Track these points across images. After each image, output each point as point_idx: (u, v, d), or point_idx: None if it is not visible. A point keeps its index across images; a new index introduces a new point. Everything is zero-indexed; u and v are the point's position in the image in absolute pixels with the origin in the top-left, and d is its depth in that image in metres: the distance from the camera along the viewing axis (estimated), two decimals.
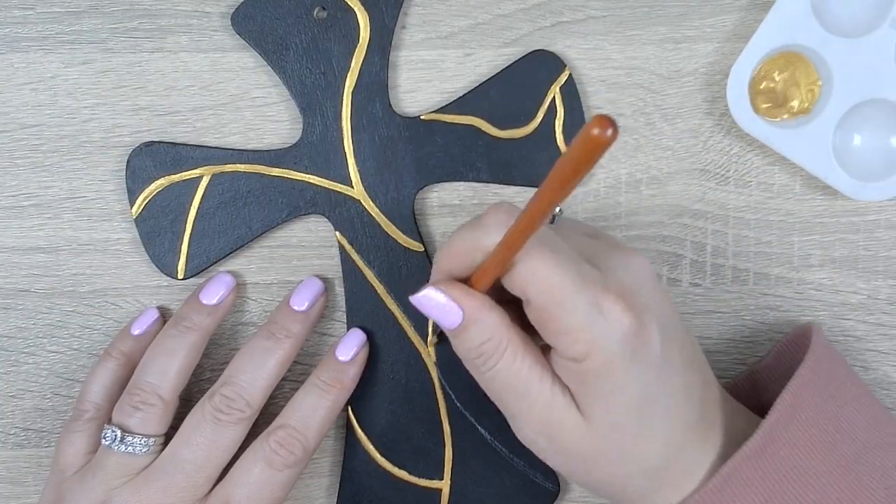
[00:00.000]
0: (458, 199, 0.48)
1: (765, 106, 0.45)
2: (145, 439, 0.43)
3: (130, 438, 0.42)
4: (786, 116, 0.45)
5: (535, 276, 0.35)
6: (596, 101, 0.47)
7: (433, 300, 0.37)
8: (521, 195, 0.47)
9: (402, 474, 0.47)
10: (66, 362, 0.48)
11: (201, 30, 0.47)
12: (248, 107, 0.47)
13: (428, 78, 0.47)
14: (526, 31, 0.47)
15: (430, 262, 0.47)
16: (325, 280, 0.47)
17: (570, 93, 0.46)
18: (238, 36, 0.46)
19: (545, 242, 0.36)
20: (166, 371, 0.43)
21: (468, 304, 0.37)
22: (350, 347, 0.45)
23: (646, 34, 0.47)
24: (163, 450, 0.43)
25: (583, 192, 0.47)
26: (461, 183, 0.47)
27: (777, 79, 0.45)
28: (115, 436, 0.42)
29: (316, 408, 0.44)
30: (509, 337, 0.37)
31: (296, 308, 0.45)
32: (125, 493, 0.42)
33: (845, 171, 0.45)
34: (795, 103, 0.45)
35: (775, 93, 0.45)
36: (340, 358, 0.45)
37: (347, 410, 0.47)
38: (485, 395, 0.44)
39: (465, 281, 0.38)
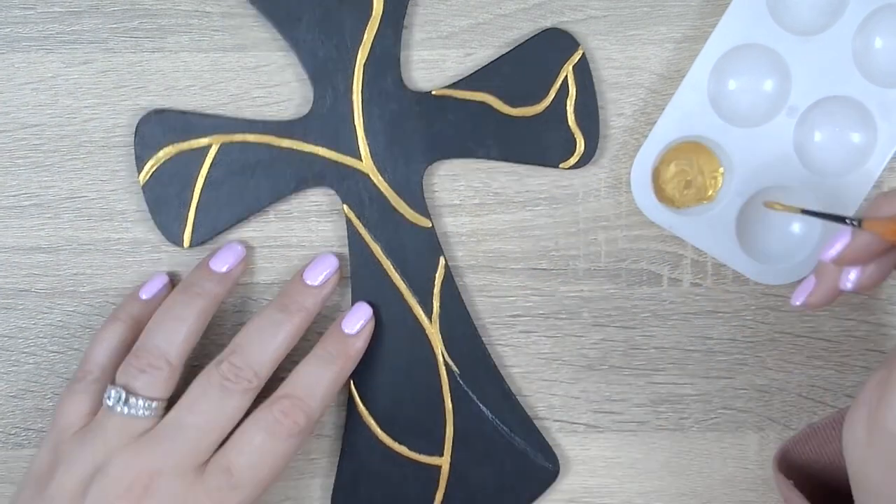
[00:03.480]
0: (458, 199, 0.48)
1: (669, 194, 0.46)
2: (149, 402, 0.42)
3: (134, 400, 0.42)
4: (690, 204, 0.46)
5: None
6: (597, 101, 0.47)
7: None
8: (521, 167, 0.47)
9: (402, 450, 0.47)
10: (67, 362, 0.48)
11: (202, 30, 0.47)
12: (249, 107, 0.47)
13: (429, 78, 0.47)
14: (527, 30, 0.47)
15: (438, 239, 0.47)
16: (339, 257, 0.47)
17: (583, 72, 0.46)
18: (238, 35, 0.46)
19: None
20: (175, 335, 0.43)
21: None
22: (356, 320, 0.45)
23: (646, 34, 0.47)
24: (164, 416, 0.43)
25: (584, 191, 0.47)
26: (461, 182, 0.47)
27: (678, 168, 0.46)
28: (120, 396, 0.42)
29: (320, 378, 0.44)
30: None
31: (309, 283, 0.45)
32: (125, 455, 0.41)
33: (749, 255, 0.46)
34: (699, 191, 0.46)
35: (679, 181, 0.46)
36: (346, 331, 0.45)
37: (349, 384, 0.47)
38: (486, 372, 0.44)
39: None
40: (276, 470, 0.43)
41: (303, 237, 0.47)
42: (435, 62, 0.47)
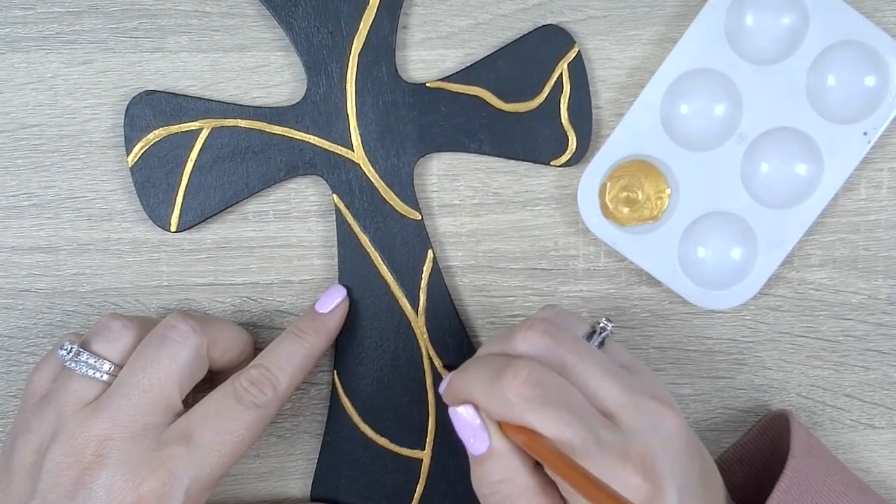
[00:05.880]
0: (457, 199, 0.48)
1: (615, 211, 0.46)
2: (100, 361, 0.41)
3: (86, 357, 0.41)
4: (635, 223, 0.46)
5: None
6: (596, 101, 0.47)
7: (466, 419, 0.38)
8: (520, 167, 0.47)
9: (384, 442, 0.47)
10: None
11: (201, 30, 0.47)
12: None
13: (427, 77, 0.47)
14: (526, 30, 0.47)
15: (427, 232, 0.47)
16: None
17: (578, 70, 0.46)
18: (238, 35, 0.46)
19: (564, 403, 0.36)
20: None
21: (497, 441, 0.38)
22: (330, 301, 0.46)
23: (646, 34, 0.47)
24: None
25: None
26: (461, 182, 0.47)
27: (626, 186, 0.46)
28: (71, 349, 0.41)
29: (291, 353, 0.44)
30: (526, 485, 0.38)
31: (320, 311, 0.46)
32: (74, 421, 0.40)
33: (689, 278, 0.46)
34: (645, 211, 0.46)
35: (625, 199, 0.46)
36: (320, 311, 0.45)
37: (333, 375, 0.47)
38: None
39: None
40: (240, 440, 0.41)
41: (302, 237, 0.47)
42: (434, 62, 0.47)
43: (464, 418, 0.38)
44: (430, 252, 0.47)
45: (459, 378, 0.39)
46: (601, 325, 0.40)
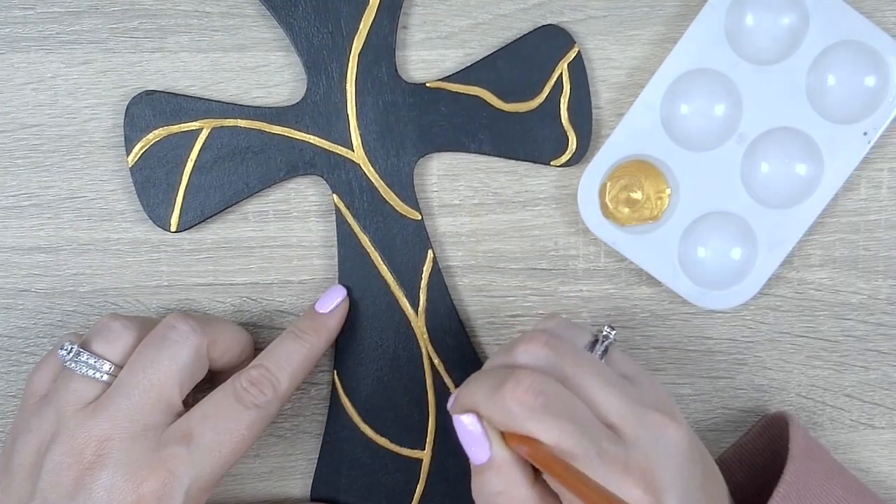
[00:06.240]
0: (457, 199, 0.48)
1: (615, 211, 0.46)
2: (100, 361, 0.41)
3: (85, 357, 0.41)
4: (635, 223, 0.46)
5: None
6: (596, 101, 0.47)
7: (468, 427, 0.38)
8: (520, 167, 0.47)
9: (384, 442, 0.47)
10: None
11: (201, 30, 0.47)
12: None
13: (427, 77, 0.47)
14: (526, 30, 0.47)
15: (427, 232, 0.47)
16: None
17: (578, 70, 0.46)
18: (238, 35, 0.46)
19: (566, 413, 0.36)
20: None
21: (498, 451, 0.38)
22: (330, 301, 0.46)
23: (646, 34, 0.47)
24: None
25: None
26: (461, 182, 0.47)
27: (626, 186, 0.46)
28: (71, 349, 0.41)
29: (291, 353, 0.44)
30: (524, 498, 0.38)
31: (320, 311, 0.46)
32: (74, 421, 0.40)
33: (689, 278, 0.46)
34: (645, 210, 0.46)
35: (625, 199, 0.46)
36: (320, 311, 0.45)
37: (333, 375, 0.47)
38: (471, 366, 0.44)
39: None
40: (240, 440, 0.41)
41: (302, 237, 0.47)
42: (434, 62, 0.47)
43: (466, 426, 0.38)
44: (430, 252, 0.47)
45: (464, 391, 0.39)
46: (604, 333, 0.40)
